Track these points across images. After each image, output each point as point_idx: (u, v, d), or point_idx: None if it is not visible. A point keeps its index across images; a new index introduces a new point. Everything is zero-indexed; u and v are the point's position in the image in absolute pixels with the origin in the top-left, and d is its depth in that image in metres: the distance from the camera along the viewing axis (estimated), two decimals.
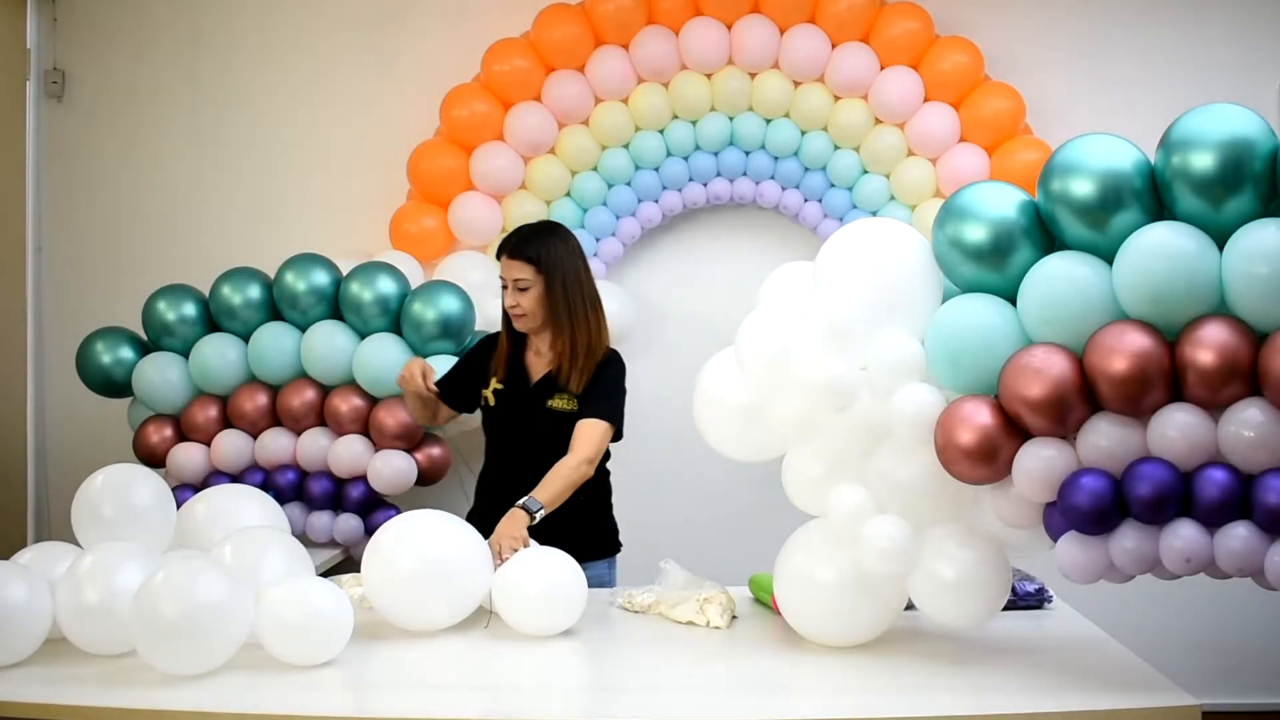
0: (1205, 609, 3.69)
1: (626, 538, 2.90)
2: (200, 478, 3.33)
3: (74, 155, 4.02)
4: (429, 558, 2.25)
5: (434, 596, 2.26)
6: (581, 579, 2.30)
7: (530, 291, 2.71)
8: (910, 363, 2.00)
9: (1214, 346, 1.76)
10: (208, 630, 2.00)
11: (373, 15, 3.94)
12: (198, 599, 1.99)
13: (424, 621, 2.29)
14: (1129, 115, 3.61)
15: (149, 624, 1.98)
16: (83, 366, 3.40)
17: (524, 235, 2.77)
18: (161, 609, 1.98)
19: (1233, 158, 1.77)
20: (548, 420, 2.73)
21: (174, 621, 1.97)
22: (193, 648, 2.00)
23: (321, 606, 2.07)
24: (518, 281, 2.71)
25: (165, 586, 2.00)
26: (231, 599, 2.03)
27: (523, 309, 2.72)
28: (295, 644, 2.07)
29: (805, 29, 3.60)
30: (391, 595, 2.27)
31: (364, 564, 2.30)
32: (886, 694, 1.96)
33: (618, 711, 1.93)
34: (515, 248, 2.72)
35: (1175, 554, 1.80)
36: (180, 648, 2.00)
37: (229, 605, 2.02)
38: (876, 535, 2.05)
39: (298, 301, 3.29)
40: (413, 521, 2.33)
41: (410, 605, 2.27)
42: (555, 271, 2.72)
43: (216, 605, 2.00)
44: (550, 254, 2.72)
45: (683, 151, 3.71)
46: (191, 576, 2.02)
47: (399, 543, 2.28)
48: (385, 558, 2.27)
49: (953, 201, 2.01)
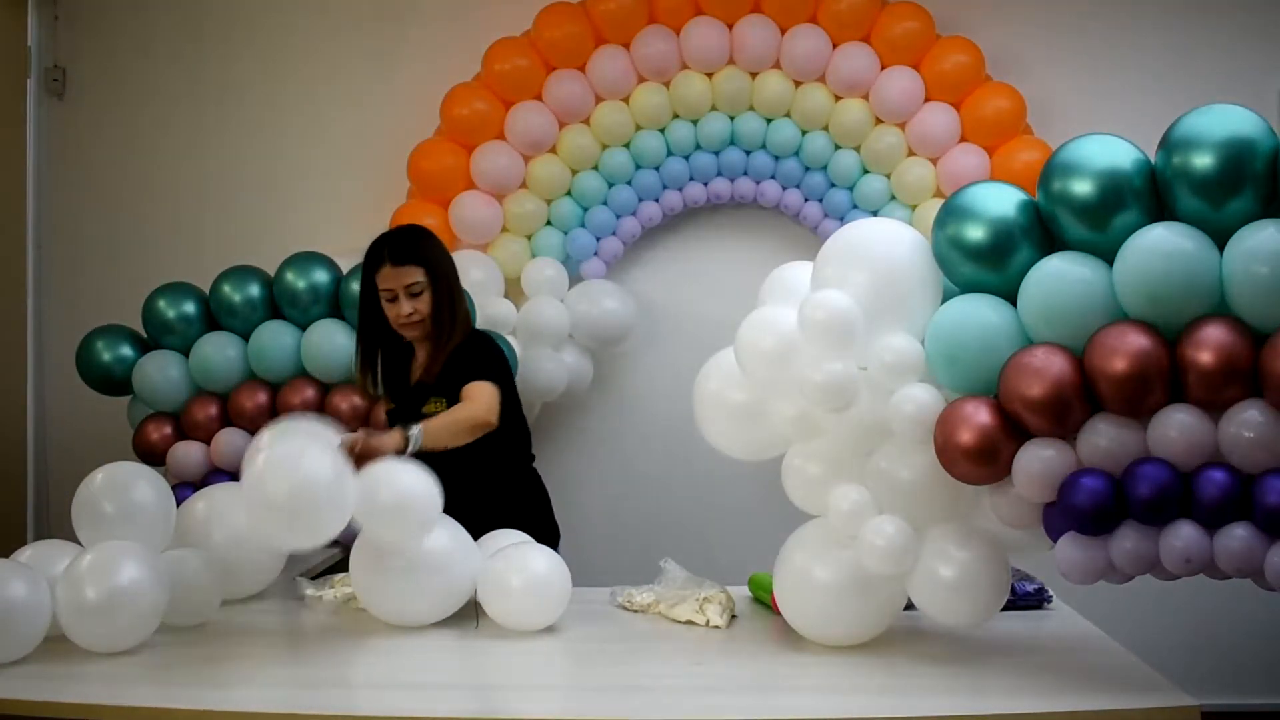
0: (1205, 610, 3.69)
1: (626, 537, 2.90)
2: (200, 476, 3.33)
3: (75, 153, 4.02)
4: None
5: (420, 590, 2.28)
6: (565, 574, 2.30)
7: (425, 295, 2.67)
8: (910, 362, 2.00)
9: (1214, 347, 1.76)
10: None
11: (373, 14, 3.95)
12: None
13: (411, 616, 2.31)
14: (1129, 115, 3.61)
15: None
16: (83, 364, 3.40)
17: (403, 239, 2.71)
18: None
19: (1233, 158, 1.77)
20: None
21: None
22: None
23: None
24: (410, 286, 2.65)
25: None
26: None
27: (420, 313, 2.67)
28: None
29: (806, 28, 3.60)
30: (378, 591, 2.30)
31: (351, 562, 2.32)
32: (886, 694, 1.96)
33: (616, 711, 1.93)
34: (403, 252, 2.66)
35: (1175, 554, 1.80)
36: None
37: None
38: (876, 535, 2.05)
39: (298, 300, 3.29)
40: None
41: (396, 599, 2.30)
42: (441, 272, 2.69)
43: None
44: (434, 254, 2.70)
45: (683, 151, 3.71)
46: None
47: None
48: (372, 554, 2.29)
49: (953, 201, 2.01)
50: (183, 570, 2.31)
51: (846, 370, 2.00)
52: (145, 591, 2.15)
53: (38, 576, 2.13)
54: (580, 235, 3.72)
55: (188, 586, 2.30)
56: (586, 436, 3.94)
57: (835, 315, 2.00)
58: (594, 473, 3.90)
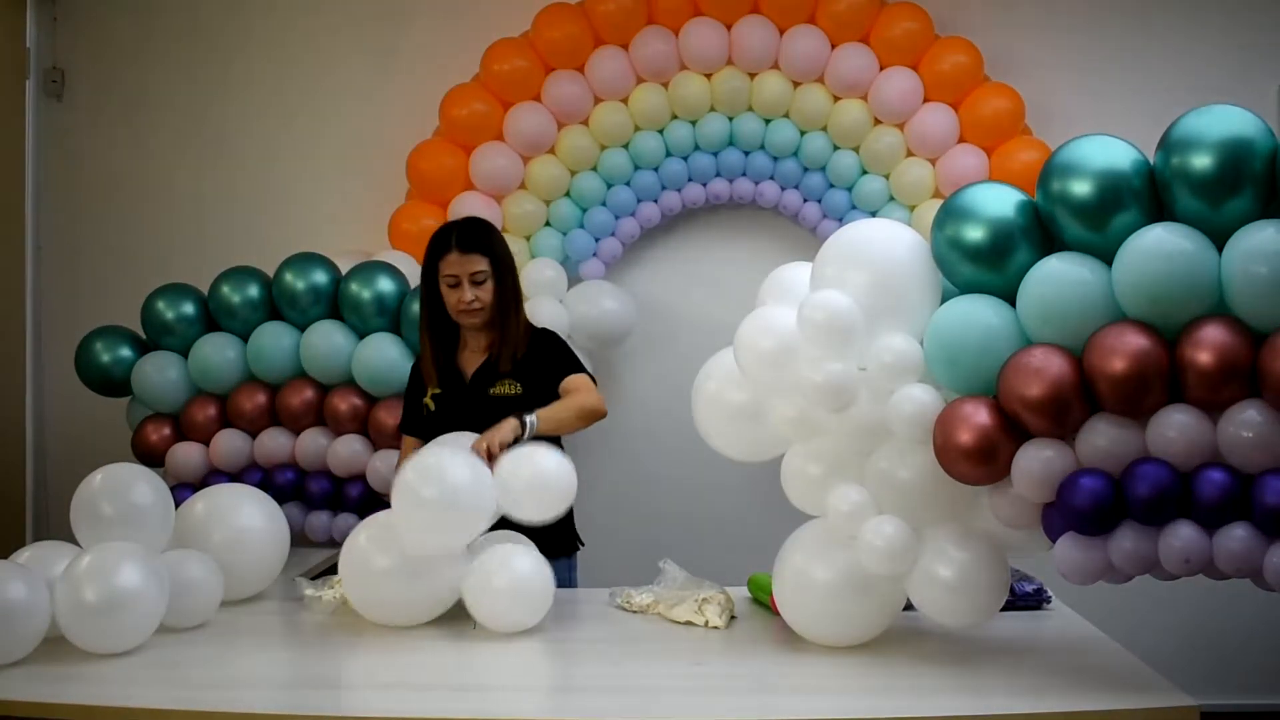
0: (1204, 610, 3.70)
1: (625, 538, 2.90)
2: (199, 477, 3.32)
3: (73, 154, 4.02)
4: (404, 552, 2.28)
5: (409, 592, 2.29)
6: (548, 574, 2.32)
7: (487, 284, 2.70)
8: (909, 363, 2.00)
9: (1213, 347, 1.76)
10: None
11: (372, 14, 3.95)
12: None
13: (403, 618, 2.32)
14: (1128, 116, 3.62)
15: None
16: (81, 365, 3.40)
17: (471, 229, 2.75)
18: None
19: (1232, 158, 1.77)
20: (493, 409, 2.61)
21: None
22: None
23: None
24: (475, 275, 2.68)
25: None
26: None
27: (481, 302, 2.70)
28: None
29: (805, 29, 3.60)
30: (367, 592, 2.31)
31: (340, 563, 2.34)
32: (885, 694, 1.96)
33: (615, 712, 1.93)
34: (470, 241, 2.70)
35: (1174, 554, 1.80)
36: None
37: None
38: (875, 535, 2.05)
39: (297, 301, 3.29)
40: (387, 520, 2.34)
41: (385, 602, 2.31)
42: (505, 263, 2.73)
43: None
44: (499, 245, 2.75)
45: (682, 151, 3.71)
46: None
47: (372, 540, 2.31)
48: (360, 556, 2.31)
49: (952, 202, 2.01)
50: (182, 571, 2.31)
51: (846, 371, 2.01)
52: (144, 593, 2.15)
53: (37, 577, 2.13)
54: (579, 236, 3.72)
55: (187, 587, 2.31)
56: (585, 437, 3.92)
57: (834, 316, 2.00)
58: (593, 473, 3.88)
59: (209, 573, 2.36)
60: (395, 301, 3.28)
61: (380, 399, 3.28)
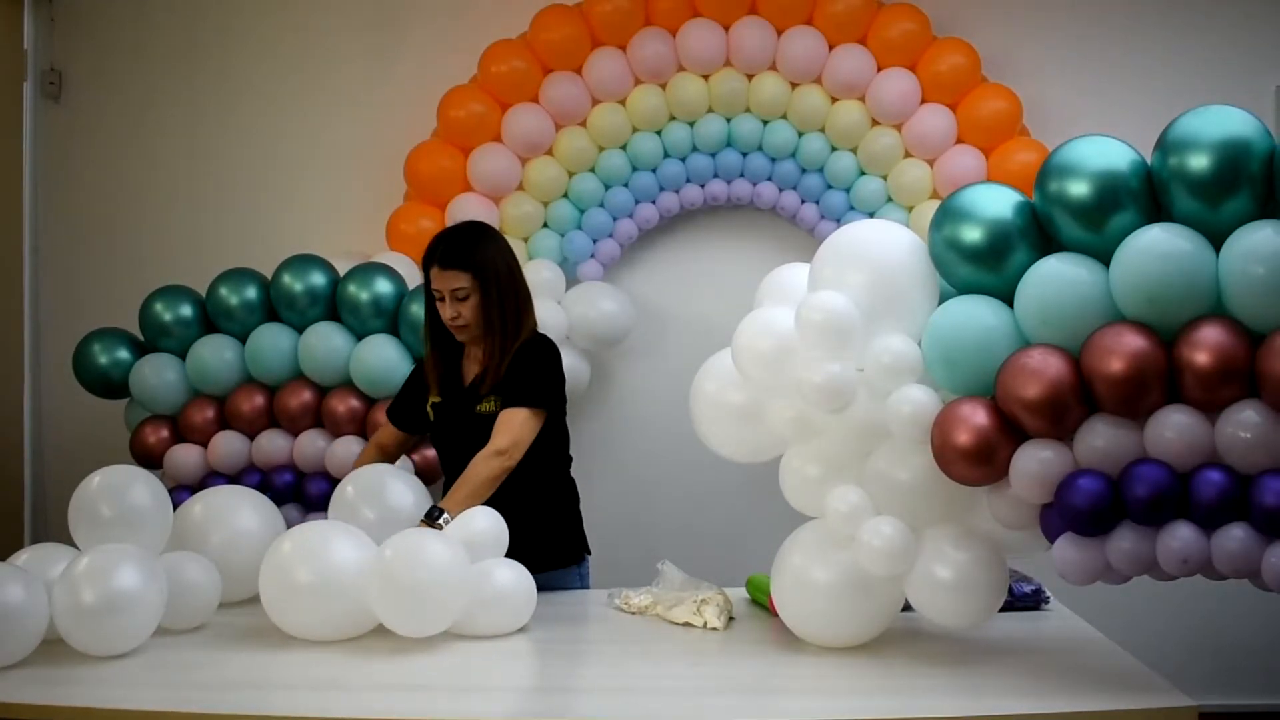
0: (1202, 610, 3.70)
1: (624, 539, 2.90)
2: (197, 478, 3.32)
3: (71, 156, 4.02)
4: (322, 568, 2.22)
5: (326, 609, 2.23)
6: (530, 584, 2.30)
7: (470, 300, 2.62)
8: (907, 364, 2.00)
9: (1211, 348, 1.76)
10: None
11: (370, 16, 3.95)
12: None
13: (318, 633, 2.26)
14: (1126, 116, 3.62)
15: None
16: (79, 367, 3.39)
17: (455, 242, 2.66)
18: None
19: (1229, 159, 1.77)
20: (480, 426, 2.61)
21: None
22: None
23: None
24: (456, 291, 2.61)
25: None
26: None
27: (464, 319, 2.63)
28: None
29: (802, 30, 3.60)
30: (285, 606, 2.25)
31: (260, 577, 2.26)
32: (883, 695, 1.96)
33: (613, 712, 1.93)
34: (449, 256, 2.61)
35: (1172, 555, 1.80)
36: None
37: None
38: (874, 536, 2.05)
39: (295, 302, 3.29)
40: (306, 533, 2.30)
41: (303, 617, 2.25)
42: (490, 276, 2.63)
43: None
44: (484, 258, 2.64)
45: (680, 152, 3.71)
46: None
47: (294, 553, 2.24)
48: (279, 567, 2.24)
49: (950, 202, 2.02)
50: (180, 573, 2.31)
51: (844, 371, 2.01)
52: (142, 595, 2.15)
53: (34, 580, 2.13)
54: (577, 237, 3.72)
55: (185, 589, 2.30)
56: (583, 438, 3.92)
57: (832, 317, 2.00)
58: (591, 475, 3.87)
59: (207, 575, 2.36)
60: (393, 303, 3.28)
61: (379, 400, 3.27)
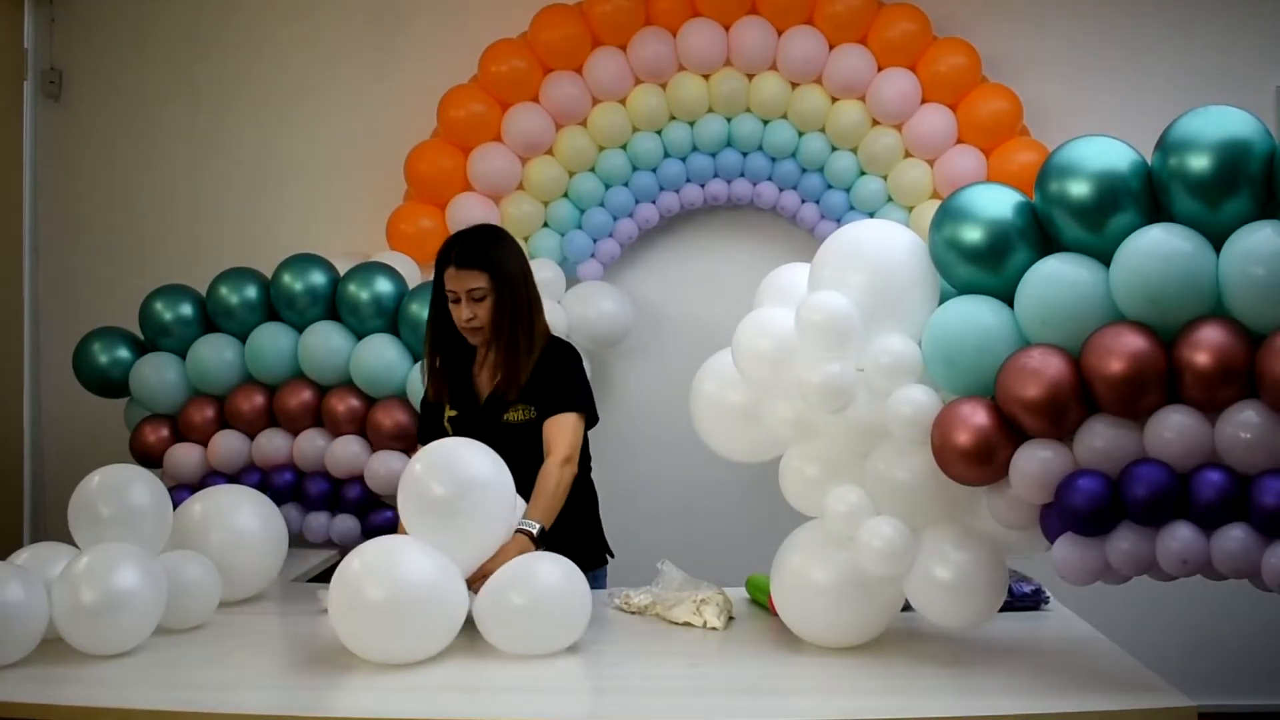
0: (1201, 610, 3.70)
1: (624, 539, 2.89)
2: (197, 478, 3.33)
3: (71, 155, 4.02)
4: (400, 586, 2.07)
5: (404, 629, 2.09)
6: (583, 592, 2.19)
7: (486, 301, 2.57)
8: (907, 364, 2.00)
9: (1211, 348, 1.76)
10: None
11: (370, 15, 3.95)
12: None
13: (396, 656, 2.11)
14: (1126, 117, 3.62)
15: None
16: (79, 366, 3.40)
17: (472, 242, 2.60)
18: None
19: (1229, 159, 1.77)
20: (508, 437, 2.53)
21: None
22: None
23: None
24: (473, 291, 2.55)
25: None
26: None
27: (480, 320, 2.58)
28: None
29: (803, 30, 3.60)
30: (357, 626, 2.10)
31: (330, 593, 2.12)
32: (883, 695, 1.96)
33: (613, 713, 1.93)
34: (467, 256, 2.56)
35: (1172, 555, 1.80)
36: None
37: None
38: (873, 536, 2.05)
39: (295, 302, 3.29)
40: (383, 548, 2.16)
41: (378, 638, 2.10)
42: (506, 277, 2.58)
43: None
44: (501, 259, 2.60)
45: (680, 152, 3.71)
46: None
47: (367, 571, 2.09)
48: (352, 586, 2.09)
49: (950, 203, 2.02)
50: (179, 572, 2.31)
51: (844, 372, 2.00)
52: (142, 594, 2.15)
53: (34, 579, 2.13)
54: (577, 237, 3.72)
55: (185, 589, 2.30)
56: None
57: (832, 317, 2.00)
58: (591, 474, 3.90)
59: (207, 574, 2.36)
60: (393, 303, 3.28)
61: (378, 400, 3.28)
